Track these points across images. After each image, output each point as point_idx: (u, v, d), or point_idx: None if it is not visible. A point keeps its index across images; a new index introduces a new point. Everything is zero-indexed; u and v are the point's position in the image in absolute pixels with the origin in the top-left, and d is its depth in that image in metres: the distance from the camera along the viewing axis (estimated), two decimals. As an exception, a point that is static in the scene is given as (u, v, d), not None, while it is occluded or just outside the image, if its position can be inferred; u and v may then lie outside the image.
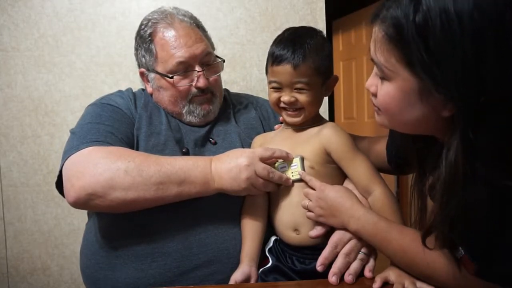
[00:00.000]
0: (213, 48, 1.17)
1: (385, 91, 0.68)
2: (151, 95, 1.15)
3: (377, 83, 0.70)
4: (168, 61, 1.06)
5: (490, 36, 0.56)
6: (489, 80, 0.57)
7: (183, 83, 1.07)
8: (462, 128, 0.59)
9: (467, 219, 0.63)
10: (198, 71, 1.07)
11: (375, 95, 0.72)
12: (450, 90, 0.58)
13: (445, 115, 0.63)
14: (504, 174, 0.59)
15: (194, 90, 1.08)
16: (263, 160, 0.93)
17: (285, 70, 0.90)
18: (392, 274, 0.83)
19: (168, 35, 1.07)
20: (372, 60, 0.69)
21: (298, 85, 0.92)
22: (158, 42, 1.08)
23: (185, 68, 1.06)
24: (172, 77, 1.06)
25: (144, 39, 1.10)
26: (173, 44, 1.06)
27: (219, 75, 1.14)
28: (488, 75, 0.56)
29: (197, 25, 1.13)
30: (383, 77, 0.68)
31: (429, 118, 0.66)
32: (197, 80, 1.07)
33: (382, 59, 0.66)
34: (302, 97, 0.92)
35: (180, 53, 1.05)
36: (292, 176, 0.93)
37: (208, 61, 1.10)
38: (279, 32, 0.98)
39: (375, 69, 0.71)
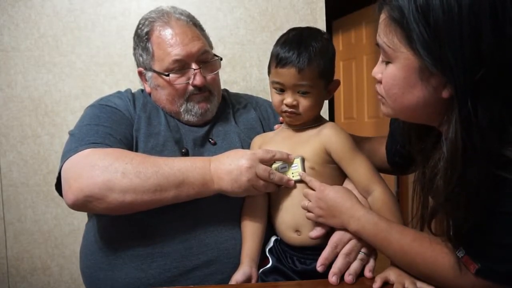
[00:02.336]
0: (211, 47, 1.16)
1: (388, 73, 0.70)
2: (150, 94, 1.15)
3: (382, 70, 0.72)
4: (165, 59, 1.06)
5: (486, 10, 0.58)
6: (487, 53, 0.59)
7: (179, 81, 1.07)
8: (460, 103, 0.61)
9: (469, 195, 0.64)
10: (194, 69, 1.06)
11: (380, 82, 0.73)
12: (448, 66, 0.60)
13: (444, 96, 0.65)
14: (501, 145, 0.62)
15: (191, 88, 1.08)
16: (264, 162, 0.93)
17: (289, 73, 0.90)
18: (392, 274, 0.83)
19: (164, 33, 1.07)
20: (377, 44, 0.72)
21: (302, 88, 0.91)
22: (155, 41, 1.08)
23: (181, 66, 1.06)
24: (168, 75, 1.06)
25: (141, 38, 1.10)
26: (169, 42, 1.06)
27: (217, 74, 1.14)
28: (485, 49, 0.59)
29: (194, 24, 1.13)
30: (387, 61, 0.70)
31: (429, 102, 0.67)
32: (194, 78, 1.06)
33: (385, 40, 0.68)
34: (304, 101, 0.92)
35: (176, 51, 1.05)
36: (293, 176, 0.93)
37: (205, 59, 1.10)
38: (279, 32, 0.98)
39: (380, 57, 0.73)
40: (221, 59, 1.14)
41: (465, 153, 0.62)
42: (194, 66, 1.07)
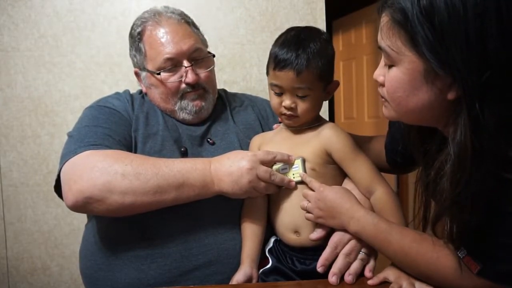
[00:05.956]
0: (206, 45, 1.16)
1: (392, 76, 0.69)
2: (146, 94, 1.15)
3: (384, 73, 0.71)
4: (156, 58, 1.06)
5: (491, 11, 0.58)
6: (493, 55, 0.58)
7: (172, 80, 1.07)
8: (469, 105, 0.60)
9: (474, 197, 0.64)
10: (186, 67, 1.06)
11: (382, 84, 0.73)
12: (455, 68, 0.60)
13: (450, 98, 0.64)
14: (507, 147, 0.61)
15: (184, 86, 1.07)
16: (265, 163, 0.93)
17: (287, 76, 0.89)
18: (391, 274, 0.83)
19: (155, 33, 1.07)
20: (379, 47, 0.71)
21: (300, 91, 0.91)
22: (147, 40, 1.08)
23: (173, 64, 1.06)
24: (159, 74, 1.06)
25: (134, 39, 1.11)
26: (160, 41, 1.06)
27: (211, 72, 1.13)
28: (491, 50, 0.58)
29: (186, 22, 1.12)
30: (390, 64, 0.69)
31: (434, 104, 0.67)
32: (186, 76, 1.06)
33: (388, 43, 0.67)
34: (302, 104, 0.92)
35: (167, 50, 1.05)
36: (294, 177, 0.93)
37: (198, 56, 1.09)
38: (279, 32, 0.97)
39: (382, 60, 0.72)
40: (213, 56, 1.14)
41: (473, 155, 0.61)
42: (185, 63, 1.06)
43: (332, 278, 0.84)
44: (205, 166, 0.93)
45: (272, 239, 1.00)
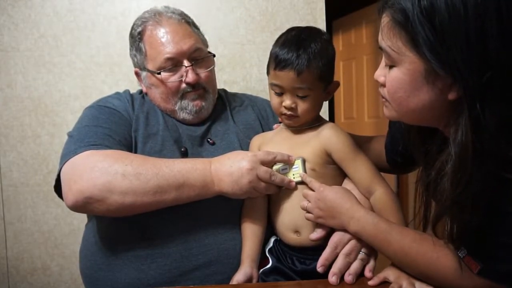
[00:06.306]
0: (206, 45, 1.16)
1: (393, 77, 0.69)
2: (146, 94, 1.15)
3: (385, 74, 0.71)
4: (157, 58, 1.06)
5: (492, 11, 0.58)
6: (493, 55, 0.58)
7: (172, 79, 1.07)
8: (469, 105, 0.60)
9: (475, 198, 0.64)
10: (186, 66, 1.06)
11: (383, 85, 0.73)
12: (455, 68, 0.60)
13: (451, 98, 0.64)
14: (508, 147, 0.61)
15: (184, 86, 1.07)
16: (265, 164, 0.93)
17: (288, 76, 0.89)
18: (391, 274, 0.83)
19: (155, 32, 1.07)
20: (380, 48, 0.71)
21: (300, 91, 0.91)
22: (147, 40, 1.08)
23: (174, 64, 1.06)
24: (159, 73, 1.06)
25: (135, 39, 1.11)
26: (160, 41, 1.06)
27: (212, 71, 1.13)
28: (492, 50, 0.58)
29: (187, 22, 1.12)
30: (391, 64, 0.69)
31: (435, 104, 0.67)
32: (186, 76, 1.06)
33: (389, 43, 0.67)
34: (302, 104, 0.92)
35: (167, 49, 1.05)
36: (294, 178, 0.93)
37: (198, 56, 1.09)
38: (279, 32, 0.97)
39: (383, 60, 0.73)
40: (214, 55, 1.14)
41: (474, 155, 0.61)
42: (186, 63, 1.06)
43: (332, 278, 0.84)
44: (205, 166, 0.93)
45: (272, 239, 1.00)
